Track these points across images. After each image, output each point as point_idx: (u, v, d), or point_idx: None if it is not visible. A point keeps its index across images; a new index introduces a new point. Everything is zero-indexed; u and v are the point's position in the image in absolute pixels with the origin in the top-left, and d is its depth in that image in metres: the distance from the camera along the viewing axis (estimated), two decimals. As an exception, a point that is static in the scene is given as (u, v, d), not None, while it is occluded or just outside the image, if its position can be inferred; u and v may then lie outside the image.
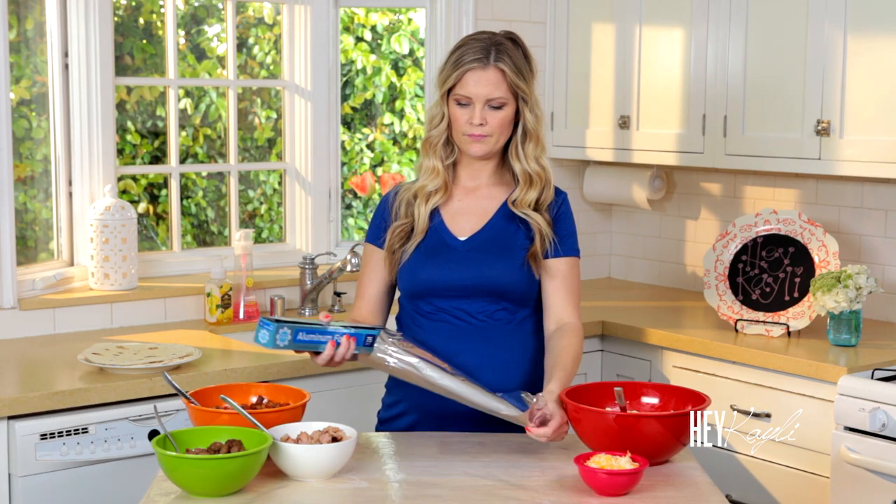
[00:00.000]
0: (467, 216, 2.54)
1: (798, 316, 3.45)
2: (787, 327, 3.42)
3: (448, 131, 2.51)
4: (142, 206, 5.15)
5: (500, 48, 2.46)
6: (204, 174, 5.45)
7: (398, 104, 5.87)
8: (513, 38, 2.51)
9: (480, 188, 2.56)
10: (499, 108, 2.47)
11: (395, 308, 2.65)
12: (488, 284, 2.49)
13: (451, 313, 2.52)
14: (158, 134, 5.22)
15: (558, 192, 2.60)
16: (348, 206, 5.64)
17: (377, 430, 2.61)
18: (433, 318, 2.53)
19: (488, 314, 2.51)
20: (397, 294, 2.63)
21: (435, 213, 2.55)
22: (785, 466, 3.22)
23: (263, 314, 2.96)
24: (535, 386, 2.50)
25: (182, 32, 5.16)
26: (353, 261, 3.62)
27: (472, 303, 2.50)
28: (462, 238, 2.52)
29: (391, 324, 2.71)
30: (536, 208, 2.52)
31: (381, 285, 2.60)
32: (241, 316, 3.61)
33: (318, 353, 2.31)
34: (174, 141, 3.81)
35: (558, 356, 2.44)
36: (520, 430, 2.37)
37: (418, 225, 2.52)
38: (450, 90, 2.48)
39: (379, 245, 2.58)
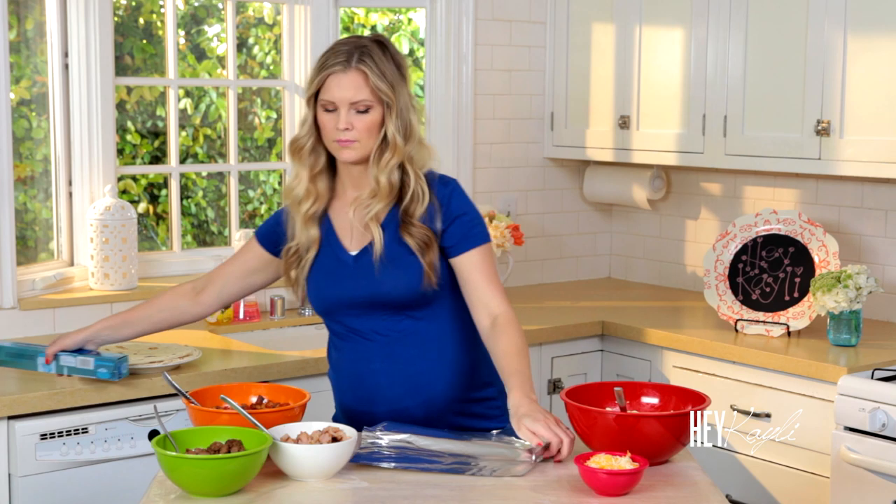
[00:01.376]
0: (357, 227, 2.48)
1: (798, 316, 3.45)
2: (787, 327, 3.42)
3: (316, 137, 2.45)
4: (142, 206, 5.15)
5: (364, 51, 2.40)
6: (204, 174, 5.46)
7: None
8: (381, 42, 2.45)
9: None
10: (364, 111, 2.40)
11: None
12: (383, 297, 2.44)
13: (359, 332, 2.49)
14: (158, 134, 5.22)
15: (445, 181, 2.51)
16: (348, 206, 5.63)
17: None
18: (345, 338, 2.52)
19: (391, 327, 2.47)
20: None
21: (328, 226, 2.50)
22: (785, 466, 3.22)
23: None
24: (468, 384, 2.49)
25: (182, 32, 5.16)
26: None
27: (374, 318, 2.47)
28: (353, 252, 2.48)
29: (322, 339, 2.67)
30: (407, 219, 2.43)
31: (241, 270, 2.64)
32: (241, 316, 3.61)
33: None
34: (174, 141, 3.81)
35: (504, 364, 2.39)
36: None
37: (306, 243, 2.48)
38: (316, 96, 2.42)
39: (263, 244, 2.60)
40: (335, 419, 2.61)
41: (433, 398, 2.47)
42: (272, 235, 2.59)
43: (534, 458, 2.22)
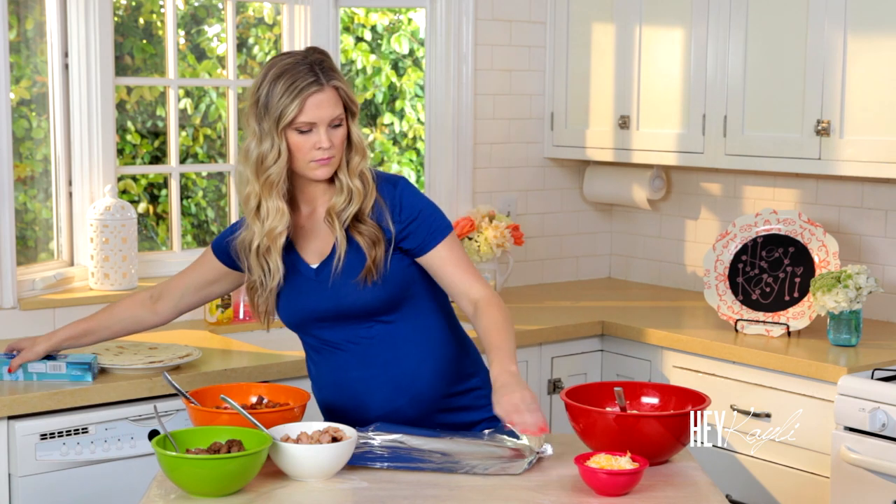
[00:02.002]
0: (314, 239, 2.47)
1: (798, 316, 3.45)
2: (787, 327, 3.42)
3: (288, 165, 2.40)
4: (142, 206, 5.15)
5: (324, 65, 2.38)
6: (204, 174, 5.46)
7: (398, 104, 5.87)
8: (324, 53, 2.43)
9: (317, 209, 2.48)
10: (339, 125, 2.39)
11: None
12: (347, 307, 2.43)
13: (332, 343, 2.48)
14: (158, 134, 5.22)
15: (392, 182, 2.48)
16: (348, 206, 5.64)
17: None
18: (320, 351, 2.51)
19: (363, 335, 2.46)
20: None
21: (287, 243, 2.46)
22: (785, 466, 3.22)
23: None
24: (451, 377, 2.49)
25: (182, 32, 5.16)
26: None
27: (345, 328, 2.46)
28: (314, 266, 2.47)
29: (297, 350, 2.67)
30: (358, 218, 2.43)
31: (198, 282, 2.65)
32: (241, 316, 3.61)
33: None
34: (174, 141, 3.81)
35: (486, 341, 2.38)
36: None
37: (276, 273, 2.44)
38: (291, 121, 2.35)
39: (219, 257, 2.60)
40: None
41: (419, 395, 2.46)
42: (228, 248, 2.56)
43: (530, 459, 2.22)
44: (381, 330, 2.46)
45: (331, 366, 2.50)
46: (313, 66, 2.36)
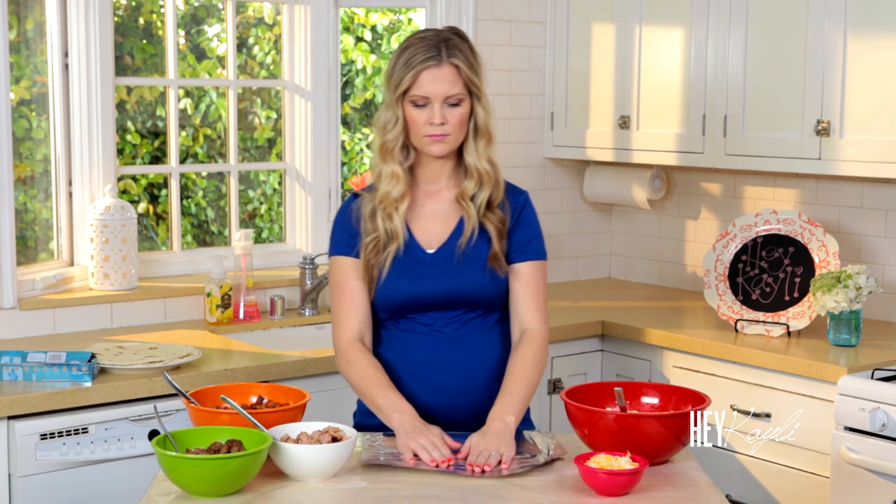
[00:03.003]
0: (433, 223, 2.49)
1: (798, 316, 3.45)
2: (787, 327, 3.42)
3: (404, 135, 2.45)
4: (142, 206, 5.15)
5: (450, 43, 2.42)
6: (204, 174, 5.46)
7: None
8: (458, 34, 2.46)
9: (441, 191, 2.51)
10: (456, 104, 2.42)
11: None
12: (458, 295, 2.45)
13: (426, 323, 2.48)
14: (158, 134, 5.22)
15: (519, 191, 2.55)
16: (348, 206, 5.64)
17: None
18: (409, 330, 2.50)
19: (463, 322, 2.48)
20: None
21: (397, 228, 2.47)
22: (785, 466, 3.22)
23: None
24: (494, 390, 2.47)
25: (182, 32, 5.16)
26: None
27: (445, 313, 2.47)
28: (430, 251, 2.48)
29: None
30: (488, 206, 2.47)
31: (366, 295, 2.49)
32: (242, 316, 3.61)
33: None
34: (174, 141, 3.81)
35: (506, 378, 2.41)
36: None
37: (396, 236, 2.45)
38: (405, 92, 2.41)
39: (354, 255, 2.49)
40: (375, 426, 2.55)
41: (485, 403, 2.43)
42: (352, 240, 2.51)
43: (544, 455, 2.23)
44: (477, 323, 2.48)
45: (420, 345, 2.48)
46: (439, 43, 2.41)
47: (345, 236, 2.52)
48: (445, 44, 2.42)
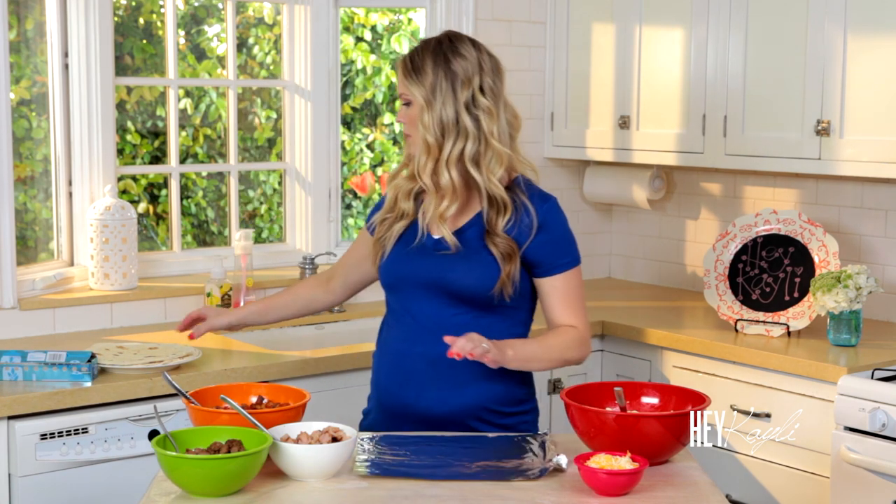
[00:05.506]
0: (449, 218, 2.48)
1: (798, 316, 3.45)
2: (787, 327, 3.42)
3: None
4: (142, 206, 5.15)
5: (426, 44, 2.45)
6: (204, 174, 5.46)
7: (398, 104, 5.86)
8: (447, 38, 2.45)
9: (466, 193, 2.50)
10: (406, 105, 2.46)
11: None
12: (449, 285, 2.44)
13: (415, 314, 2.49)
14: (158, 134, 5.22)
15: (545, 198, 2.50)
16: (348, 206, 5.64)
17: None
18: (398, 315, 2.53)
19: (447, 316, 2.46)
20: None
21: (421, 210, 2.51)
22: (785, 466, 3.22)
23: None
24: (501, 398, 2.48)
25: (182, 32, 5.16)
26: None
27: (435, 304, 2.47)
28: (436, 236, 2.49)
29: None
30: (490, 228, 2.44)
31: (355, 258, 2.69)
32: (241, 316, 3.61)
33: None
34: (174, 141, 3.81)
35: (536, 337, 2.47)
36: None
37: (405, 215, 2.51)
38: None
39: (369, 229, 2.63)
40: (365, 413, 2.61)
41: (461, 399, 2.46)
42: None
43: (542, 467, 2.21)
44: (466, 321, 2.45)
45: (403, 334, 2.50)
46: (421, 43, 2.48)
47: (374, 213, 2.64)
48: (422, 43, 2.46)
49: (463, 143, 2.40)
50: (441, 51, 2.43)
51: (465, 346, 2.27)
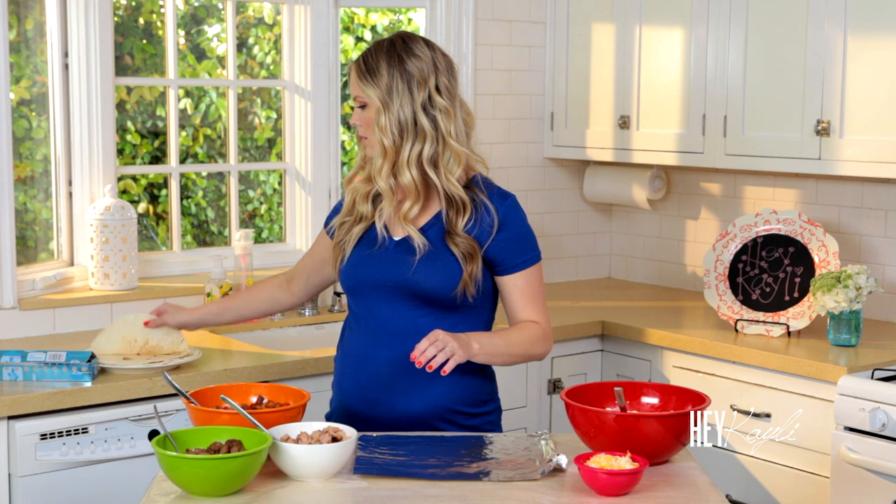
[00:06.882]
0: (410, 220, 2.48)
1: (798, 316, 3.45)
2: (787, 327, 3.42)
3: None
4: (142, 206, 5.15)
5: (378, 46, 2.42)
6: (204, 174, 5.46)
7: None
8: (400, 39, 2.43)
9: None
10: (361, 107, 2.44)
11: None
12: (412, 287, 2.43)
13: (378, 317, 2.48)
14: (158, 134, 5.22)
15: (504, 195, 2.49)
16: (348, 206, 5.63)
17: None
18: (360, 319, 2.51)
19: (410, 319, 2.45)
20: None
21: (380, 213, 2.50)
22: (785, 466, 3.22)
23: None
24: (464, 398, 2.48)
25: (182, 32, 5.16)
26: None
27: (397, 306, 2.46)
28: (396, 238, 2.48)
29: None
30: (450, 228, 2.43)
31: (315, 261, 2.69)
32: (241, 316, 3.61)
33: None
34: (174, 141, 3.81)
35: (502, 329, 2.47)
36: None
37: (363, 218, 2.51)
38: None
39: (328, 232, 2.64)
40: (328, 417, 2.61)
41: (425, 401, 2.46)
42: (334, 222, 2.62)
43: (543, 469, 2.21)
44: (428, 323, 2.44)
45: (366, 338, 2.49)
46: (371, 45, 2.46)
47: (331, 215, 2.64)
48: (374, 46, 2.44)
49: (421, 144, 2.40)
50: (395, 51, 2.41)
51: (429, 351, 2.27)
